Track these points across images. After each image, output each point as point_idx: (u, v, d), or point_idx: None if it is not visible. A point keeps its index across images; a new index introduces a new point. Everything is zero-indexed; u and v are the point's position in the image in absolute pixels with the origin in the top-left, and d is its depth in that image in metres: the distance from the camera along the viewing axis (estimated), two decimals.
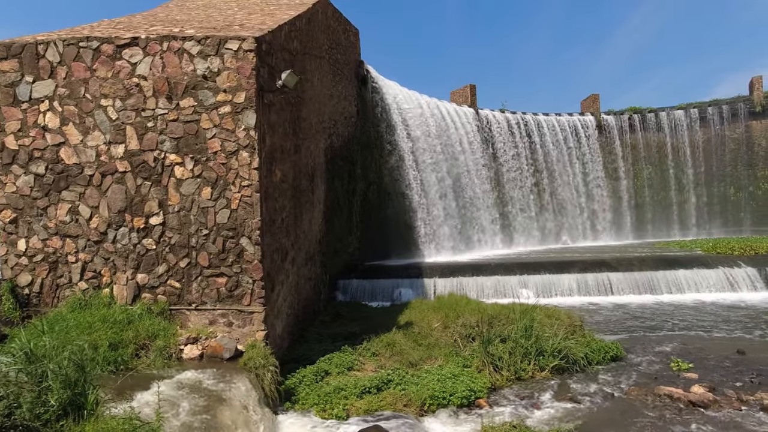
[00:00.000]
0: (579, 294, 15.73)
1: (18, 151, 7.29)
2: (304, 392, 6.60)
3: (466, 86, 26.51)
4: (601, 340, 9.54)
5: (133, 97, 7.22)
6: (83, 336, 6.10)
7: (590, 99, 28.80)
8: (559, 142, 27.27)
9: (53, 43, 7.30)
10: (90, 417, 3.62)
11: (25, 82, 7.30)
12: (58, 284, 7.27)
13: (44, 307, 7.23)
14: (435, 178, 22.09)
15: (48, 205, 7.28)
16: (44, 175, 7.28)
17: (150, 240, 7.22)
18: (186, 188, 7.21)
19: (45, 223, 7.27)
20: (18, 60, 7.32)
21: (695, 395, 6.58)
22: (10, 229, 7.29)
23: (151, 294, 7.23)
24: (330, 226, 16.33)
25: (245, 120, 7.17)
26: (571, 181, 27.35)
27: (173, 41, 7.23)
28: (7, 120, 7.29)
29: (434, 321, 9.87)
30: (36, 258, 7.28)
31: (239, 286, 7.21)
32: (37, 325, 6.47)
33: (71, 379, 3.80)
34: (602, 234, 27.62)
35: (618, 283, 15.83)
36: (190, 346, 6.59)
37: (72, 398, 3.72)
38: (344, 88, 19.32)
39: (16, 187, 7.28)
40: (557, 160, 27.23)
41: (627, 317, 12.88)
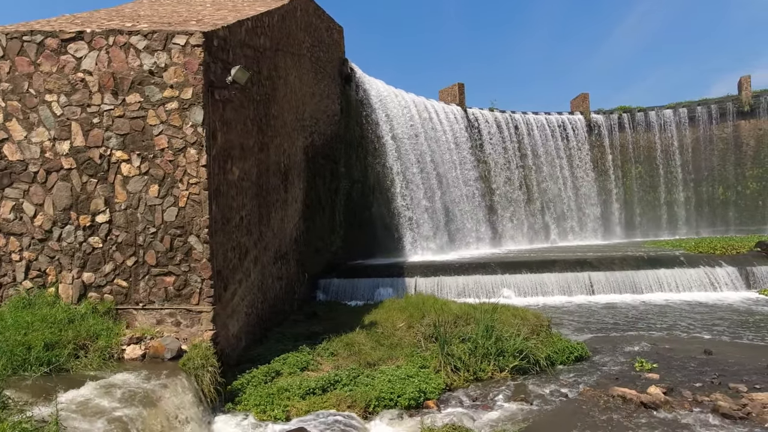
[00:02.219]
0: (559, 293, 15.58)
1: None
2: (249, 393, 6.47)
3: (455, 85, 26.37)
4: (567, 340, 9.39)
5: (78, 92, 7.09)
6: (18, 336, 5.98)
7: (580, 98, 28.65)
8: (548, 142, 27.13)
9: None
10: None
11: None
12: (1, 283, 7.13)
13: None
14: (420, 177, 21.95)
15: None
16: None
17: (96, 238, 7.08)
18: (133, 186, 7.08)
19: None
20: None
21: (647, 396, 6.44)
22: None
23: (98, 293, 7.09)
24: (310, 225, 16.19)
25: (192, 116, 7.03)
26: (560, 181, 27.22)
27: (119, 36, 7.09)
28: None
29: (399, 321, 9.74)
30: None
31: (187, 285, 7.07)
32: None
33: None
34: (591, 233, 27.48)
35: (599, 282, 15.68)
36: (132, 347, 6.46)
37: None
38: (327, 86, 19.17)
39: None
40: (546, 159, 27.09)
41: (603, 317, 12.74)
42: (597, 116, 28.48)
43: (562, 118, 27.88)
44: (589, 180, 27.97)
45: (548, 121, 27.52)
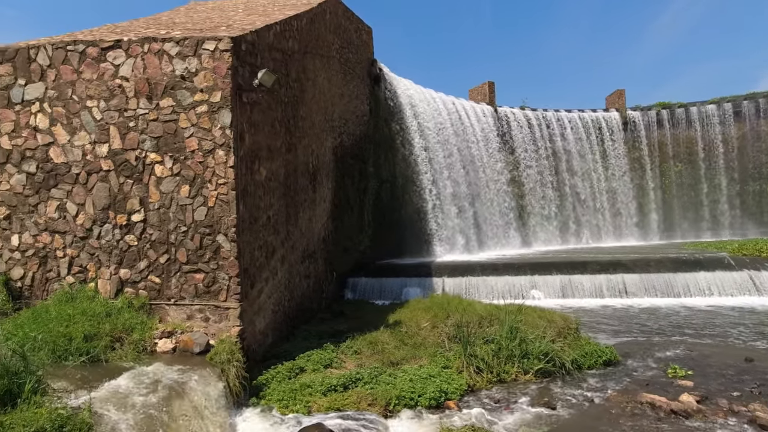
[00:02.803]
0: (591, 296, 15.19)
1: (12, 151, 7.67)
2: (273, 388, 6.64)
3: (485, 83, 26.06)
4: (595, 343, 9.16)
5: (116, 97, 7.46)
6: (60, 328, 6.36)
7: (615, 95, 27.72)
8: (581, 140, 26.39)
9: (43, 47, 7.63)
10: (24, 405, 3.75)
11: (18, 85, 7.66)
12: (47, 278, 7.60)
13: (35, 299, 7.57)
14: (449, 176, 21.83)
15: (38, 202, 7.62)
16: (35, 174, 7.62)
17: (132, 236, 7.44)
18: (165, 186, 7.39)
19: (36, 220, 7.61)
20: (12, 64, 7.69)
21: (678, 404, 6.21)
22: (5, 225, 7.67)
23: (133, 289, 7.45)
24: (339, 225, 16.39)
25: (221, 119, 7.28)
26: (593, 180, 26.42)
27: (153, 43, 7.42)
28: (2, 121, 7.67)
29: (423, 320, 9.74)
30: (27, 253, 7.63)
31: (216, 282, 7.33)
32: (20, 317, 6.79)
33: (9, 369, 3.95)
34: (627, 234, 26.55)
35: (633, 285, 15.18)
36: (164, 340, 6.75)
37: (9, 387, 3.86)
38: (356, 87, 19.33)
39: (9, 185, 7.66)
40: (579, 157, 26.36)
41: (636, 321, 12.33)
42: (633, 113, 27.48)
43: (597, 116, 27.05)
44: (625, 179, 27.03)
45: (582, 118, 26.77)
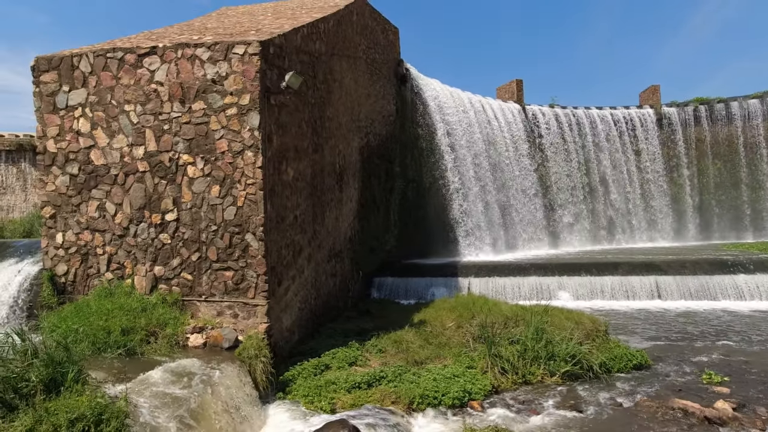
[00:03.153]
0: (622, 298, 14.79)
1: (56, 154, 8.11)
2: (298, 384, 6.80)
3: (512, 81, 25.71)
4: (625, 346, 8.95)
5: (151, 101, 7.79)
6: (100, 321, 6.70)
7: (650, 91, 26.82)
8: (613, 138, 25.65)
9: (85, 55, 8.04)
10: (66, 393, 3.99)
11: (62, 91, 8.10)
12: (88, 274, 8.00)
13: (77, 294, 7.98)
14: (476, 176, 21.65)
15: (80, 202, 8.03)
16: (77, 175, 8.04)
17: (165, 235, 7.75)
18: (197, 186, 7.67)
19: (78, 219, 8.03)
20: (57, 72, 8.13)
21: (712, 411, 6.02)
22: (50, 224, 8.12)
23: (167, 285, 7.76)
24: (365, 224, 16.54)
25: (250, 121, 7.49)
26: (626, 179, 25.64)
27: (186, 48, 7.70)
28: (48, 126, 8.13)
29: (448, 320, 9.75)
30: (70, 250, 8.06)
31: (244, 279, 7.55)
32: (63, 311, 7.19)
33: (54, 359, 4.21)
34: (662, 235, 25.65)
35: (667, 287, 14.70)
36: (195, 335, 7.02)
37: (53, 376, 4.12)
38: (382, 87, 19.43)
39: (54, 186, 8.10)
40: (611, 156, 25.63)
41: (670, 324, 11.95)
42: (669, 109, 26.51)
43: (630, 113, 26.24)
44: (660, 177, 26.11)
45: (614, 115, 26.02)
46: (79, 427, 3.61)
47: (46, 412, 3.65)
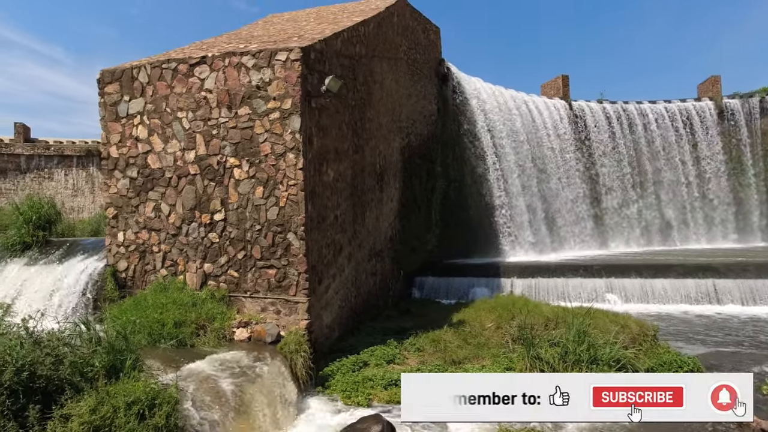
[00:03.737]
0: (675, 302, 14.07)
1: (118, 159, 8.78)
2: (337, 380, 7.02)
3: (558, 77, 24.97)
4: (676, 352, 8.55)
5: (201, 108, 8.27)
6: (155, 314, 7.21)
7: (709, 82, 25.21)
8: (668, 132, 24.30)
9: (143, 66, 8.64)
10: (124, 378, 4.38)
11: (123, 101, 8.75)
12: (145, 270, 8.61)
13: (136, 289, 8.60)
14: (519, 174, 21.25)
15: (139, 203, 8.65)
16: (136, 179, 8.66)
17: (214, 234, 8.21)
18: (243, 188, 8.07)
19: (137, 219, 8.65)
20: (119, 83, 8.79)
21: None
22: (113, 224, 8.80)
23: (215, 282, 8.21)
24: (406, 224, 16.66)
25: (291, 124, 7.80)
26: (682, 176, 24.24)
27: (233, 57, 8.12)
28: (111, 133, 8.81)
29: (487, 321, 9.69)
30: (130, 248, 8.69)
31: (286, 277, 7.87)
32: (124, 304, 7.78)
33: (115, 347, 4.62)
34: (723, 236, 24.04)
35: (726, 291, 13.84)
36: (240, 330, 7.39)
37: (113, 362, 4.53)
38: (423, 87, 19.46)
39: (117, 189, 8.77)
40: (665, 152, 24.31)
41: (728, 330, 11.27)
42: (731, 101, 24.80)
43: (686, 106, 24.78)
44: (720, 174, 24.49)
45: (668, 109, 24.67)
46: (135, 409, 3.96)
47: (107, 394, 4.03)
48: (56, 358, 4.06)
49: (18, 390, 3.76)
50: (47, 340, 4.17)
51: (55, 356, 4.07)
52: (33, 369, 3.90)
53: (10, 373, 3.71)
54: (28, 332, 4.23)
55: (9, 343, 3.94)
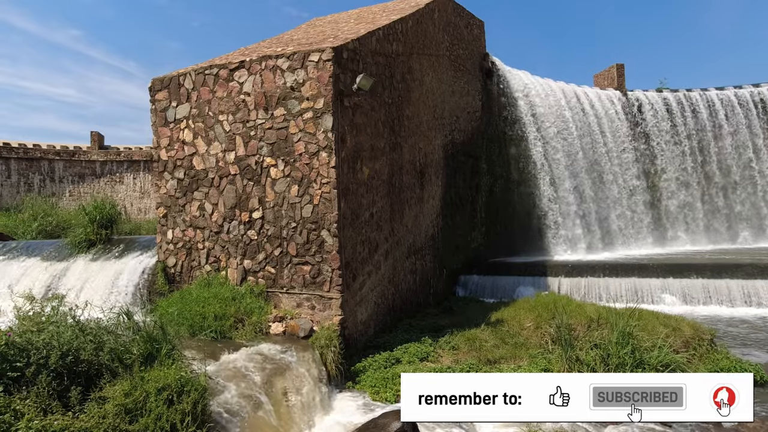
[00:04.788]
0: (742, 304, 12.98)
1: (167, 161, 9.34)
2: (368, 375, 7.09)
3: (612, 67, 23.70)
4: (736, 359, 7.90)
5: (240, 111, 8.62)
6: (198, 308, 7.61)
7: None
8: (737, 121, 22.37)
9: (188, 74, 9.14)
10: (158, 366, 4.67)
11: (171, 107, 9.30)
12: (192, 266, 9.10)
13: (183, 283, 9.12)
14: (569, 170, 20.39)
15: (185, 203, 9.16)
16: (183, 179, 9.18)
17: (253, 231, 8.54)
18: (279, 187, 8.33)
19: (184, 218, 9.16)
20: (167, 90, 9.35)
21: None
22: (163, 222, 9.38)
23: (254, 277, 8.54)
24: (449, 222, 16.49)
25: (324, 123, 7.95)
26: (754, 169, 22.22)
27: (269, 60, 8.40)
28: (161, 137, 9.39)
29: (527, 320, 9.40)
30: (178, 245, 9.22)
31: (320, 273, 8.04)
32: (172, 297, 8.28)
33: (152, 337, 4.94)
34: None
35: None
36: (276, 324, 7.64)
37: (150, 351, 4.84)
38: (467, 83, 19.16)
39: (166, 189, 9.34)
40: (734, 142, 22.39)
41: None
42: None
43: (760, 91, 22.67)
44: None
45: (738, 96, 22.69)
46: (165, 395, 4.21)
47: (141, 380, 4.32)
48: (97, 345, 4.40)
49: (63, 372, 4.12)
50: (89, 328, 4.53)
51: (97, 343, 4.42)
52: (77, 354, 4.26)
53: (55, 357, 4.07)
54: (75, 320, 4.62)
55: (56, 330, 4.32)
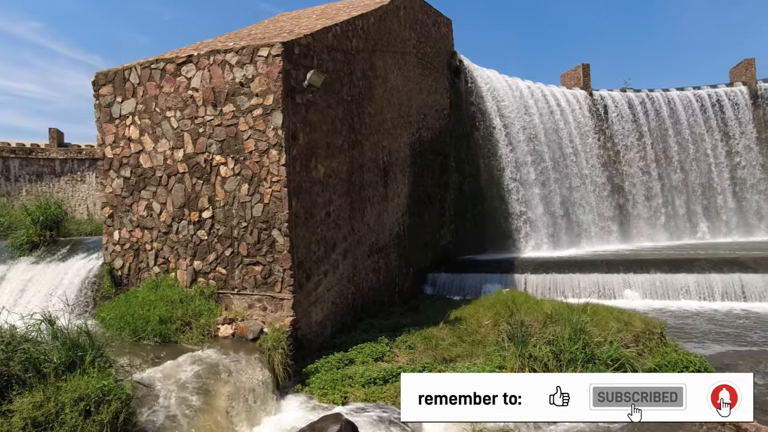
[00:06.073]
0: (698, 298, 13.34)
1: (113, 159, 8.96)
2: (318, 377, 6.92)
3: (578, 66, 24.09)
4: (684, 351, 8.04)
5: (188, 107, 8.32)
6: (141, 311, 7.31)
7: (742, 66, 23.71)
8: (696, 120, 23.05)
9: (134, 68, 8.78)
10: (79, 375, 4.41)
11: (116, 102, 8.92)
12: (139, 268, 8.76)
13: (131, 286, 8.77)
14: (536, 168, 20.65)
15: (132, 202, 8.80)
16: (130, 178, 8.82)
17: (203, 231, 8.26)
18: (229, 185, 8.07)
19: (130, 218, 8.81)
20: (112, 85, 8.97)
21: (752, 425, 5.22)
22: (109, 222, 9.00)
23: (204, 278, 8.27)
24: (417, 220, 16.43)
25: (274, 120, 7.74)
26: (711, 166, 22.95)
27: (217, 55, 8.13)
28: (106, 134, 9.00)
29: (485, 318, 9.39)
30: (125, 246, 8.86)
31: (272, 274, 7.83)
32: (116, 301, 7.94)
33: (75, 343, 4.66)
34: (756, 228, 22.62)
35: (753, 286, 13.00)
36: (225, 326, 7.41)
37: (73, 359, 4.57)
38: (435, 81, 19.14)
39: (111, 188, 8.96)
40: (693, 141, 23.07)
41: (750, 328, 10.56)
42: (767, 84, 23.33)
43: (717, 92, 23.43)
44: (754, 164, 23.05)
45: (697, 96, 23.39)
46: (81, 406, 3.97)
47: (56, 390, 4.06)
48: (8, 354, 4.12)
49: None
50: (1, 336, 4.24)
51: (9, 351, 4.13)
52: None
53: None
54: None
55: None
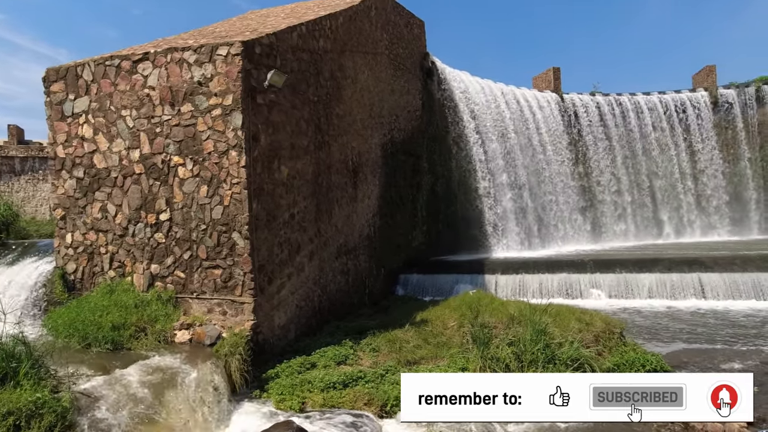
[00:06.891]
0: (659, 297, 13.69)
1: (65, 159, 8.61)
2: (277, 383, 6.77)
3: (549, 70, 24.50)
4: (642, 350, 8.21)
5: (145, 106, 8.06)
6: (92, 317, 7.02)
7: (704, 72, 24.54)
8: (661, 124, 23.73)
9: (87, 64, 8.45)
10: (11, 388, 4.17)
11: (69, 100, 8.57)
12: (94, 272, 8.43)
13: (85, 291, 8.43)
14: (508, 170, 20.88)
15: (86, 204, 8.48)
16: (83, 179, 8.49)
17: (160, 234, 8.01)
18: (187, 187, 7.85)
19: (84, 220, 8.48)
20: (64, 82, 8.61)
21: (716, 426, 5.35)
22: (61, 225, 8.64)
23: (162, 283, 8.02)
24: (389, 221, 16.38)
25: (233, 121, 7.56)
26: (675, 168, 23.67)
27: (175, 53, 7.89)
28: (57, 133, 8.64)
29: (450, 319, 9.39)
30: (78, 249, 8.52)
31: (232, 277, 7.65)
32: (68, 306, 7.61)
33: (8, 353, 4.42)
34: (718, 229, 23.44)
35: (712, 285, 13.41)
36: (182, 332, 7.19)
37: (6, 370, 4.32)
38: (407, 82, 19.14)
39: (64, 189, 8.60)
40: (659, 144, 23.74)
41: (707, 326, 10.89)
42: (727, 91, 24.14)
43: (681, 97, 24.18)
44: (715, 167, 23.89)
45: (662, 101, 24.08)
46: (11, 420, 3.75)
47: None
48: None
49: None
50: None
51: None
52: None
53: None
54: None
55: None
